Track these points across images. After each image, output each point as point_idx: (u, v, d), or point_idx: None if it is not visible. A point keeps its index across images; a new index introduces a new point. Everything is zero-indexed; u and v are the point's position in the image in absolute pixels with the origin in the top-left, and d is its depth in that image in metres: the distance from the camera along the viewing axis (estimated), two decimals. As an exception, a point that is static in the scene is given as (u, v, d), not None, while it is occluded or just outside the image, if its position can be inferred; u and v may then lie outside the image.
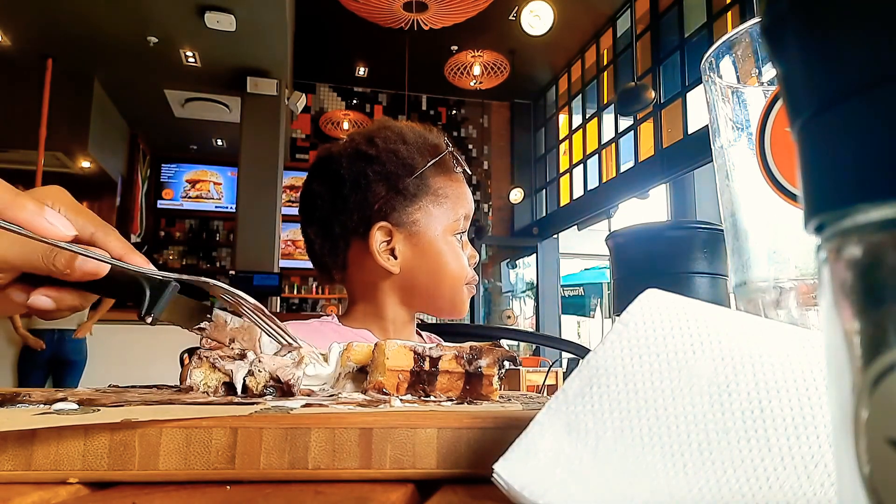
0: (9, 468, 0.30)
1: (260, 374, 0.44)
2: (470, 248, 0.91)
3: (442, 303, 0.89)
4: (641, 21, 5.74)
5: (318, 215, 0.90)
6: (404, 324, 0.90)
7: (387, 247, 0.85)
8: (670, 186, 5.51)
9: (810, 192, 0.13)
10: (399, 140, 0.87)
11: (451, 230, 0.88)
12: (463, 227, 0.90)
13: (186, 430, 0.31)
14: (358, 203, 0.85)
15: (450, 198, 0.88)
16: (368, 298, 0.90)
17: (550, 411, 0.27)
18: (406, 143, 0.87)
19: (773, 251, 0.37)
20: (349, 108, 7.48)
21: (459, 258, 0.88)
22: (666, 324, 0.28)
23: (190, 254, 7.79)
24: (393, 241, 0.85)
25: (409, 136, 0.88)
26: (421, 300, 0.89)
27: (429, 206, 0.86)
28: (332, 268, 0.91)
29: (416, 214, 0.86)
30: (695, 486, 0.24)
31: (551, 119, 7.68)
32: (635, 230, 0.61)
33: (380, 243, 0.85)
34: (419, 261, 0.86)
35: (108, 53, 5.08)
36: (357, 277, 0.90)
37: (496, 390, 0.46)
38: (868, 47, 0.11)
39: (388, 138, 0.87)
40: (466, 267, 0.89)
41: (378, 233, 0.85)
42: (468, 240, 0.92)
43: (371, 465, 0.32)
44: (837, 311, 0.13)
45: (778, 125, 0.36)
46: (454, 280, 0.87)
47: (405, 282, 0.87)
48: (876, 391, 0.12)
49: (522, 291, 8.17)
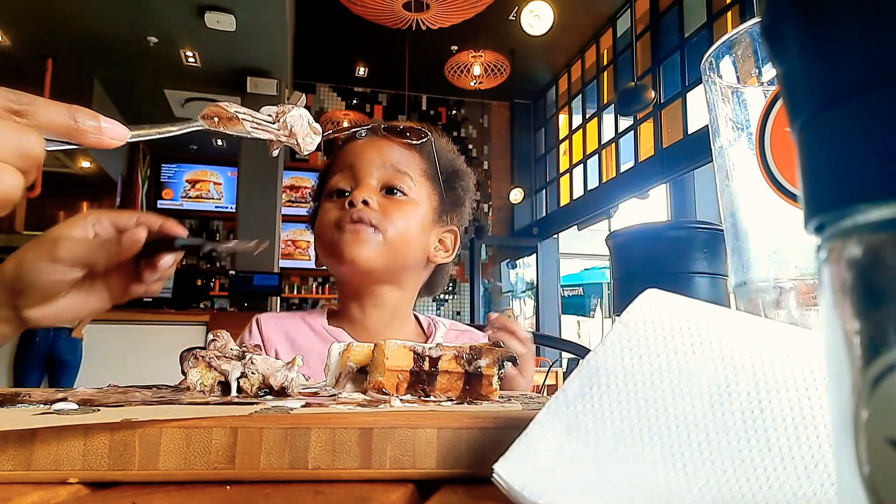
0: (9, 468, 0.30)
1: (253, 376, 0.44)
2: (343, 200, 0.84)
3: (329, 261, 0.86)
4: (641, 21, 5.74)
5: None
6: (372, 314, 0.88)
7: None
8: (670, 186, 5.51)
9: (810, 192, 0.13)
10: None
11: (326, 193, 0.88)
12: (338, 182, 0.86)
13: (186, 430, 0.31)
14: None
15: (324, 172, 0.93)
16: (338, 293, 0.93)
17: (550, 411, 0.27)
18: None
19: (773, 251, 0.37)
20: (349, 108, 7.48)
21: (326, 213, 0.85)
22: (666, 324, 0.28)
23: (190, 254, 7.79)
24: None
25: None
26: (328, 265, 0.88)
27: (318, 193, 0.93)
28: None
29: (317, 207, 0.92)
30: (695, 486, 0.24)
31: (551, 119, 7.67)
32: (635, 230, 0.61)
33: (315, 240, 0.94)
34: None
35: (108, 53, 5.07)
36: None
37: (496, 390, 0.46)
38: (868, 47, 0.11)
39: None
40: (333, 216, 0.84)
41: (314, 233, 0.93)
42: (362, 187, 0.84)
43: (371, 465, 0.32)
44: (837, 311, 0.13)
45: (778, 125, 0.36)
46: (322, 236, 0.85)
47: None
48: (876, 391, 0.12)
49: (522, 291, 8.17)
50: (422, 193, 0.86)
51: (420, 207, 0.86)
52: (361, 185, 0.84)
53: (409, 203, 0.84)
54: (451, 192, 0.91)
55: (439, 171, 0.88)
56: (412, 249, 0.85)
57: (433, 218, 0.88)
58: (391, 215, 0.82)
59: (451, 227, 0.91)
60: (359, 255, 0.80)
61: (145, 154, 7.47)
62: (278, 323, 0.89)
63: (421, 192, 0.86)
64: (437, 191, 0.88)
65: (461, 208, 0.93)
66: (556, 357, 1.30)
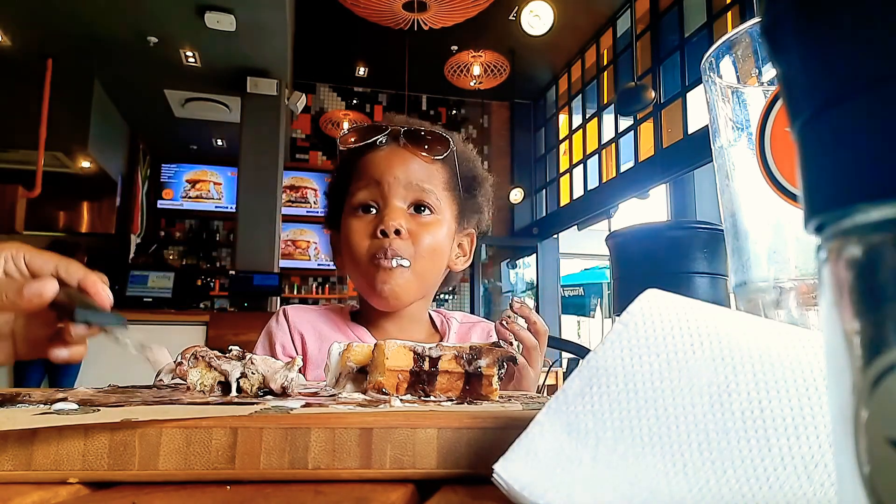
0: (9, 468, 0.30)
1: (253, 377, 0.44)
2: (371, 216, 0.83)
3: (361, 287, 0.85)
4: (641, 21, 5.74)
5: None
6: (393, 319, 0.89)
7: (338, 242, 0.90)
8: (670, 186, 5.51)
9: (810, 192, 0.13)
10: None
11: (351, 206, 0.86)
12: (365, 197, 0.84)
13: (186, 430, 0.31)
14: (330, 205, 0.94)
15: (344, 175, 0.90)
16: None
17: (550, 411, 0.27)
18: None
19: (773, 251, 0.37)
20: (349, 108, 7.48)
21: (356, 233, 0.83)
22: (666, 324, 0.28)
23: (190, 254, 7.79)
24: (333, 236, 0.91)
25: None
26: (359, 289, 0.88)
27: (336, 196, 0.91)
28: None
29: (335, 208, 0.91)
30: (695, 486, 0.24)
31: (551, 119, 7.67)
32: (635, 230, 0.61)
33: (331, 239, 0.91)
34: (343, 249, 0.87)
35: (108, 53, 5.07)
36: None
37: (496, 390, 0.46)
38: (868, 47, 0.11)
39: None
40: (363, 240, 0.82)
41: (330, 232, 0.91)
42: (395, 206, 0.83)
43: (371, 465, 0.32)
44: (837, 311, 0.13)
45: (778, 125, 0.36)
46: (354, 259, 0.84)
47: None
48: (876, 391, 0.12)
49: (522, 291, 8.17)
50: (445, 206, 0.87)
51: (444, 221, 0.87)
52: (390, 206, 0.83)
53: (435, 221, 0.85)
54: (472, 199, 0.92)
55: (460, 180, 0.89)
56: (439, 268, 0.88)
57: (455, 227, 0.89)
58: (421, 239, 0.83)
59: (468, 231, 0.92)
60: (395, 294, 0.81)
61: (145, 154, 7.47)
62: (306, 314, 0.90)
63: (444, 204, 0.87)
64: (457, 199, 0.89)
65: (480, 214, 0.94)
66: (556, 357, 1.29)
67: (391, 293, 0.81)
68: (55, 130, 5.18)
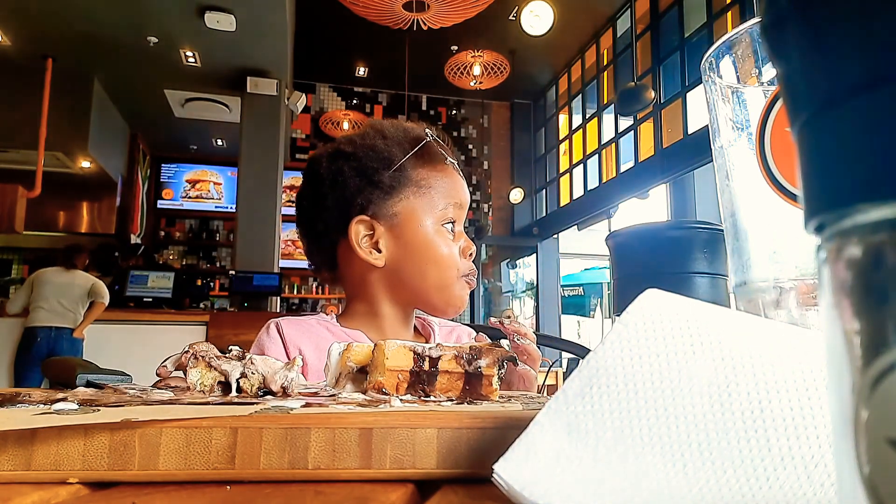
0: (9, 468, 0.30)
1: (253, 377, 0.44)
2: (464, 239, 0.89)
3: (432, 296, 0.87)
4: (641, 21, 5.74)
5: (304, 216, 0.92)
6: (401, 322, 0.90)
7: (370, 241, 0.86)
8: (670, 186, 5.51)
9: (810, 192, 0.13)
10: (378, 136, 0.88)
11: (439, 220, 0.86)
12: (454, 216, 0.87)
13: (186, 430, 0.31)
14: (336, 200, 0.86)
15: (434, 188, 0.87)
16: (361, 296, 0.90)
17: (550, 411, 0.27)
18: (385, 138, 0.88)
19: (773, 251, 0.37)
20: (349, 108, 7.48)
21: (448, 249, 0.86)
22: (666, 324, 0.28)
23: (190, 254, 7.79)
24: (376, 235, 0.85)
25: (388, 130, 0.89)
26: (411, 294, 0.88)
27: (410, 198, 0.86)
28: (323, 267, 0.92)
29: (396, 207, 0.86)
30: (695, 486, 0.24)
31: (551, 119, 7.67)
32: (635, 230, 0.61)
33: (361, 237, 0.85)
34: (404, 252, 0.85)
35: (108, 53, 5.07)
36: (347, 274, 0.90)
37: (496, 390, 0.46)
38: (868, 47, 0.11)
39: (368, 135, 0.89)
40: (457, 258, 0.86)
41: (359, 226, 0.85)
42: (463, 231, 0.90)
43: (371, 465, 0.32)
44: (837, 311, 0.13)
45: (778, 125, 0.36)
46: (442, 271, 0.85)
47: (392, 275, 0.86)
48: (876, 391, 0.12)
49: (522, 291, 8.17)
50: None
51: None
52: (463, 234, 0.89)
53: None
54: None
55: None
56: None
57: None
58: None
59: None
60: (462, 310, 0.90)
61: (145, 154, 7.47)
62: (297, 326, 0.89)
63: None
64: None
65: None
66: (556, 357, 1.30)
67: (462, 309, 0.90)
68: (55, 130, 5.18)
